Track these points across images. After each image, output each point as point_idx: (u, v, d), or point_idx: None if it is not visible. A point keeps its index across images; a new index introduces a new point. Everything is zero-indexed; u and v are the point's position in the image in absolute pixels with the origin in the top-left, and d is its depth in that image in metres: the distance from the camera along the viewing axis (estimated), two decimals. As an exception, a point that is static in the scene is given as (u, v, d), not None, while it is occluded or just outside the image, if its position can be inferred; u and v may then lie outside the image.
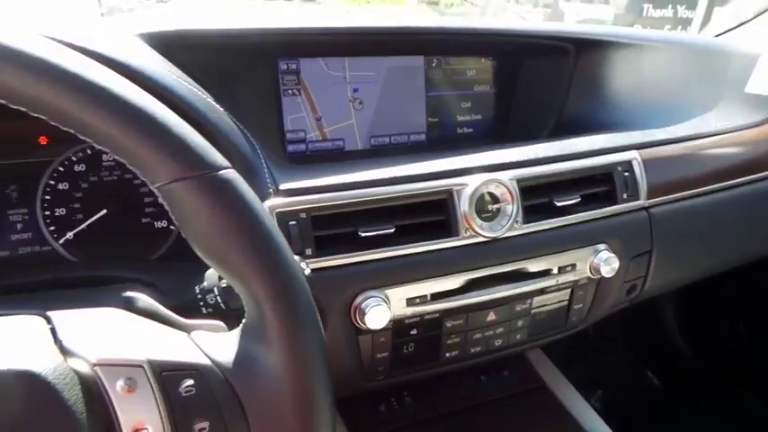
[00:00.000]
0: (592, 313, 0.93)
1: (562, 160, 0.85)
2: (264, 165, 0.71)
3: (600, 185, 0.89)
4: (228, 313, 0.57)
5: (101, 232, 0.79)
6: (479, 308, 0.81)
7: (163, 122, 0.39)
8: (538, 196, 0.83)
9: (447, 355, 0.83)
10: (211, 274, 0.57)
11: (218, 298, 0.56)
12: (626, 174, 0.90)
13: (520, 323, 0.86)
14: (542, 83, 1.11)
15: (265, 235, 0.42)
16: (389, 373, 0.81)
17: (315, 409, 0.42)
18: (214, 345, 0.44)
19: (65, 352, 0.40)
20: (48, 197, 0.77)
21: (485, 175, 0.78)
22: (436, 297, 0.77)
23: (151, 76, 0.63)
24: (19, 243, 0.77)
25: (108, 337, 0.42)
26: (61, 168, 0.78)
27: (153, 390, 0.40)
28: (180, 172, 0.40)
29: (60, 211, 0.78)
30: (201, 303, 0.56)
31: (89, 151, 0.79)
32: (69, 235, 0.78)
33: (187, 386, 0.41)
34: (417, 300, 0.76)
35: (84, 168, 0.79)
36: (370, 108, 1.04)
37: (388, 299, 0.73)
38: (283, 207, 0.69)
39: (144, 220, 0.81)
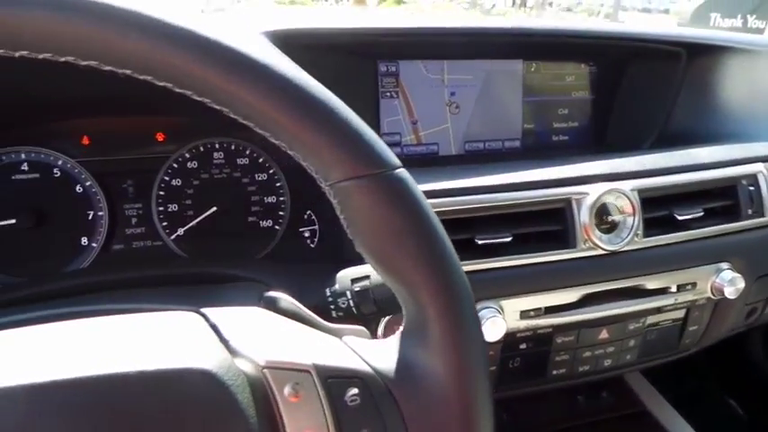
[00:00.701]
0: (707, 336, 0.87)
1: (684, 171, 0.80)
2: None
3: (722, 199, 0.83)
4: (359, 318, 0.55)
5: (208, 229, 0.79)
6: (592, 324, 0.77)
7: (344, 118, 0.38)
8: (658, 209, 0.78)
9: (554, 372, 0.79)
10: (343, 277, 0.56)
11: (351, 302, 0.54)
12: (751, 188, 0.83)
13: (631, 343, 0.81)
14: (647, 90, 1.05)
15: (438, 237, 0.39)
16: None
17: (479, 419, 0.40)
18: (372, 351, 0.42)
19: (232, 352, 0.39)
20: (162, 193, 0.78)
21: (605, 185, 0.74)
22: (550, 311, 0.73)
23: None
24: (133, 237, 0.78)
25: (271, 338, 0.41)
26: (175, 165, 0.78)
27: (320, 397, 0.38)
28: (357, 170, 0.38)
29: (173, 207, 0.78)
30: (332, 307, 0.55)
31: (201, 148, 0.79)
32: (180, 231, 0.78)
33: (352, 395, 0.39)
34: (531, 313, 0.72)
35: (196, 165, 0.79)
36: (466, 112, 1.01)
37: (502, 310, 0.70)
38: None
39: (250, 219, 0.81)
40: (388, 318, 0.61)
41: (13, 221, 0.71)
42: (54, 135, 0.74)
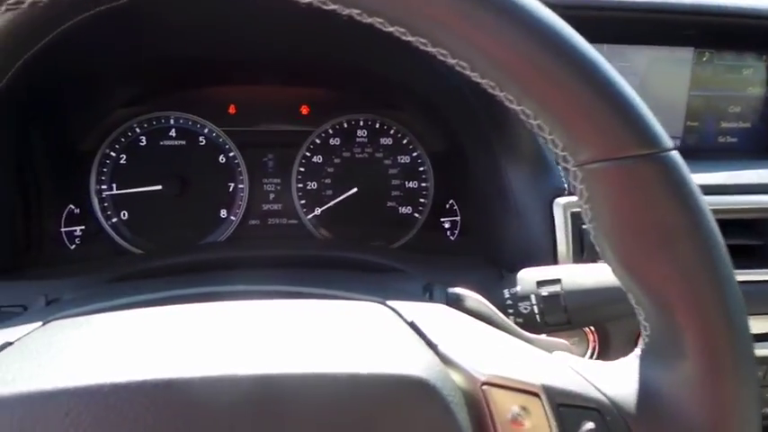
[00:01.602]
0: None
1: None
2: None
3: None
4: (540, 327, 0.47)
5: (346, 212, 0.74)
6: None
7: (613, 84, 0.30)
8: None
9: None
10: (527, 279, 0.48)
11: (536, 308, 0.46)
12: None
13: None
14: None
15: (718, 246, 0.31)
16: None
17: None
18: (604, 375, 0.34)
19: (444, 359, 0.32)
20: (302, 169, 0.74)
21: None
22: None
23: None
24: (269, 213, 0.74)
25: (483, 347, 0.34)
26: (318, 141, 0.74)
27: (550, 427, 0.31)
28: (619, 148, 0.30)
29: (312, 185, 0.74)
30: (511, 311, 0.47)
31: (345, 125, 0.75)
32: (317, 211, 0.74)
33: (588, 430, 0.31)
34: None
35: (338, 142, 0.74)
36: None
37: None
38: (579, 207, 0.58)
39: (389, 204, 0.75)
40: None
41: (159, 187, 0.70)
42: (203, 102, 0.71)
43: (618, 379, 0.34)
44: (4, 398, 0.24)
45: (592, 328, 0.57)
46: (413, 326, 0.35)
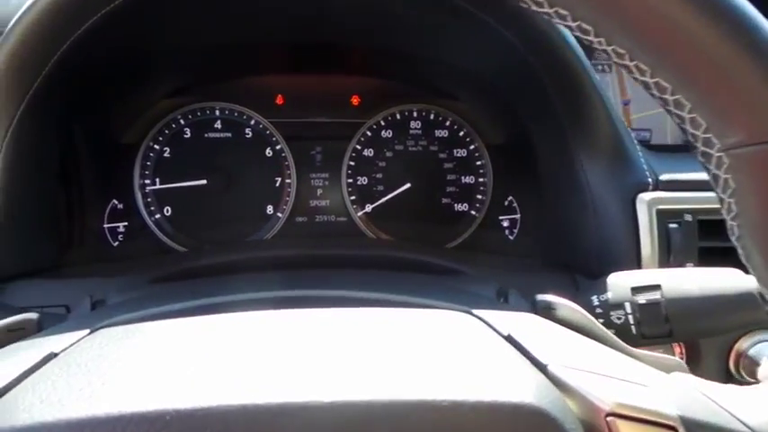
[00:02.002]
0: None
1: None
2: (639, 149, 0.55)
3: None
4: (635, 340, 0.41)
5: (397, 209, 0.70)
6: None
7: None
8: None
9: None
10: (620, 285, 0.42)
11: (631, 318, 0.41)
12: None
13: None
14: None
15: None
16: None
17: None
18: (740, 402, 0.28)
19: (557, 383, 0.27)
20: (352, 163, 0.69)
21: None
22: None
23: None
24: (316, 210, 0.70)
25: (595, 367, 0.29)
26: (369, 133, 0.70)
27: None
28: None
29: (362, 181, 0.70)
30: (601, 321, 0.42)
31: (398, 116, 0.70)
32: (368, 208, 0.69)
33: None
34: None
35: (390, 135, 0.70)
36: None
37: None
38: (666, 204, 0.52)
39: (444, 201, 0.71)
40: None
41: (204, 182, 0.66)
42: (249, 92, 0.68)
43: (759, 408, 0.28)
44: (50, 424, 0.20)
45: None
46: (510, 340, 0.30)
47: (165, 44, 0.57)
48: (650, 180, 0.53)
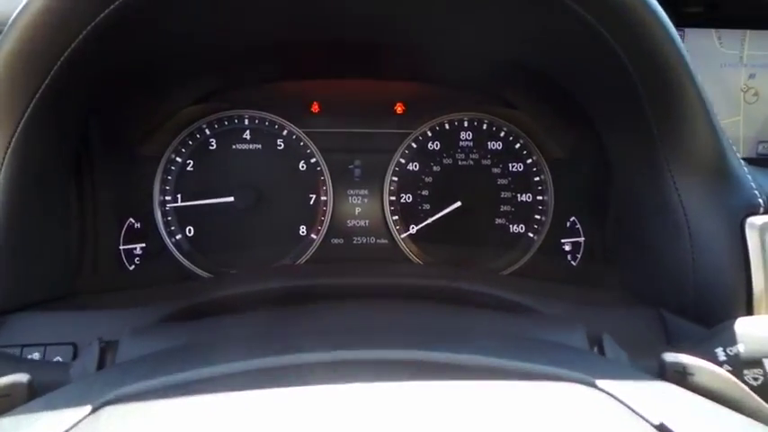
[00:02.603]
0: None
1: None
2: (746, 170, 0.46)
3: None
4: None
5: (445, 230, 0.62)
6: None
7: None
8: None
9: None
10: (752, 335, 0.34)
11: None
12: None
13: None
14: None
15: None
16: None
17: None
18: None
19: None
20: (395, 178, 0.62)
21: None
22: None
23: None
24: (354, 231, 0.63)
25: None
26: (414, 145, 0.62)
27: None
28: None
29: (406, 198, 0.62)
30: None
31: (446, 126, 0.62)
32: (413, 229, 0.62)
33: None
34: None
35: (438, 147, 0.62)
36: (765, 103, 0.75)
37: None
38: (781, 230, 0.43)
39: (498, 222, 0.63)
40: None
41: (231, 199, 0.59)
42: (281, 99, 0.61)
43: None
44: None
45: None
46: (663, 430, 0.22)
47: (188, 44, 0.50)
48: (761, 201, 0.44)
